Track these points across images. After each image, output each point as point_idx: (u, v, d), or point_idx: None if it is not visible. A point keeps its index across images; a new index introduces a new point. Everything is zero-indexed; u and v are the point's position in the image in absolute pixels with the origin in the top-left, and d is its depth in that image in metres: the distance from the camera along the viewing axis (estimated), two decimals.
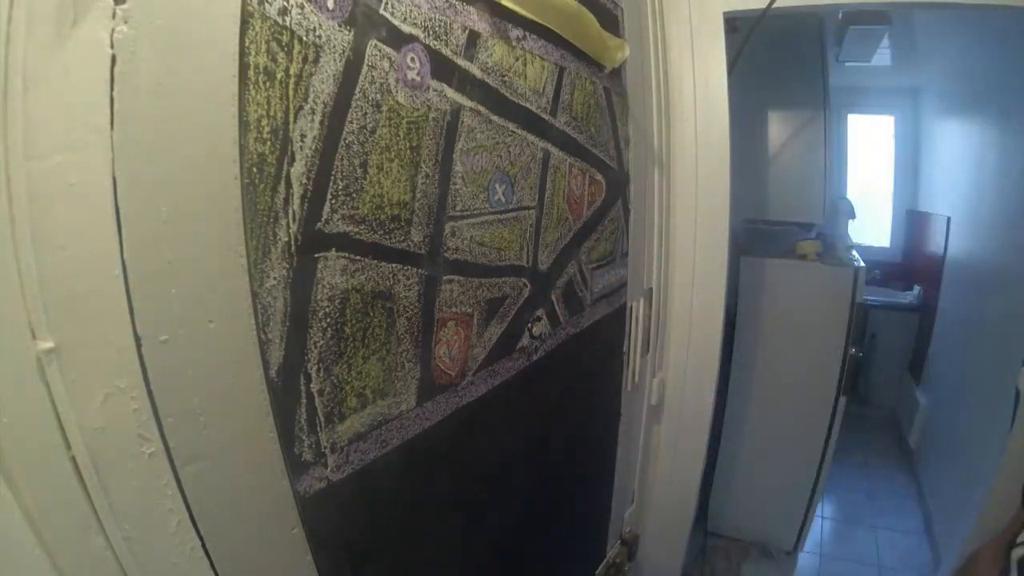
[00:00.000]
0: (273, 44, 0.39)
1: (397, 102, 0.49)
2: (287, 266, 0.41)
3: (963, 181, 2.30)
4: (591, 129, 0.83)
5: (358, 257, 0.47)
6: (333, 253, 0.45)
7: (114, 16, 0.31)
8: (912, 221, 3.10)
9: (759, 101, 1.85)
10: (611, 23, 0.87)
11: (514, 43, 0.63)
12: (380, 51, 0.47)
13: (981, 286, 1.99)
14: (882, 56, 2.49)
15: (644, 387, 1.19)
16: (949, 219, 2.40)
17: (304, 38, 0.40)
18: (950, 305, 2.36)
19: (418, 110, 0.51)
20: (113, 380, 0.32)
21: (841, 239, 1.96)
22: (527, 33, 0.65)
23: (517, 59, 0.64)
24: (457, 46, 0.55)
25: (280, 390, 0.41)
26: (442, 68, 0.53)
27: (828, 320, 1.72)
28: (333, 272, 0.45)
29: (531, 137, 0.68)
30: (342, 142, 0.44)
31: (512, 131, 0.65)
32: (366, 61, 0.46)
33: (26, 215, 0.28)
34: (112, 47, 0.31)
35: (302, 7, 0.40)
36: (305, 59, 0.41)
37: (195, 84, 0.35)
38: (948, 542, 1.72)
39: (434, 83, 0.53)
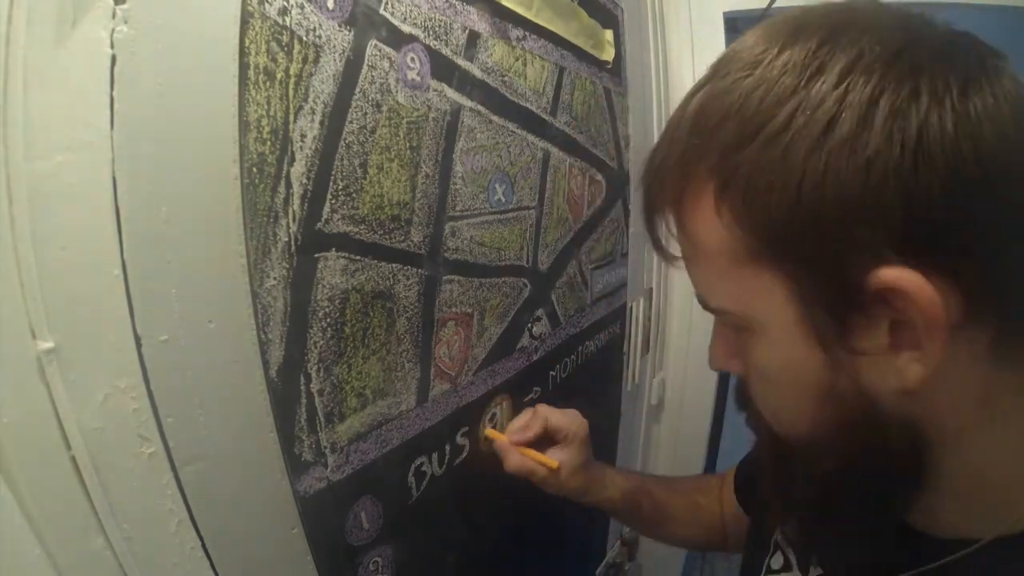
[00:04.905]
0: (273, 44, 0.39)
1: (397, 102, 0.49)
2: (287, 266, 0.41)
3: None
4: (591, 129, 0.83)
5: (358, 257, 0.47)
6: (333, 253, 0.45)
7: (114, 16, 0.31)
8: None
9: None
10: (611, 23, 0.87)
11: (514, 43, 0.63)
12: (380, 51, 0.47)
13: None
14: None
15: (644, 387, 1.19)
16: None
17: (304, 38, 0.41)
18: None
19: (418, 110, 0.51)
20: (113, 380, 0.32)
21: None
22: (527, 33, 0.65)
23: (517, 59, 0.64)
24: (457, 46, 0.55)
25: (280, 390, 0.41)
26: (442, 68, 0.53)
27: None
28: (333, 272, 0.45)
29: (531, 137, 0.68)
30: (342, 142, 0.44)
31: (512, 131, 0.65)
32: (366, 61, 0.46)
33: (26, 215, 0.28)
34: (112, 47, 0.31)
35: (302, 7, 0.40)
36: (305, 59, 0.41)
37: (195, 84, 0.35)
38: None
39: (434, 83, 0.53)
